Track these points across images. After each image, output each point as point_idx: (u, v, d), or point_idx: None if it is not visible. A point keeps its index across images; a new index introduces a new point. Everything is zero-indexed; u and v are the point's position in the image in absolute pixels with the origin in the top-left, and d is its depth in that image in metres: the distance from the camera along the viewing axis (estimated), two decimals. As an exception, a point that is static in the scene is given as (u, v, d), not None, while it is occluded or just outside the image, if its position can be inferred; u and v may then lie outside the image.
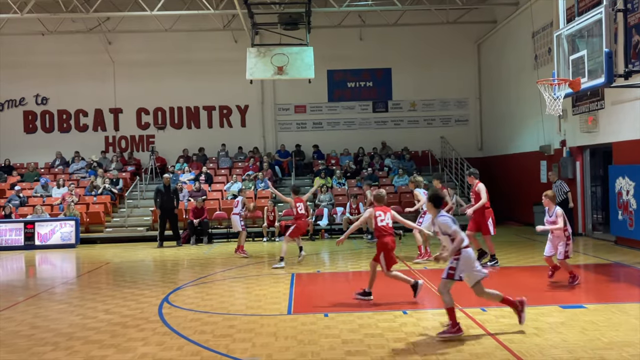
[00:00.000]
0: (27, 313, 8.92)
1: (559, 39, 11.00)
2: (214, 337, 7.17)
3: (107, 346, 6.93)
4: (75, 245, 17.95)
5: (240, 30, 21.84)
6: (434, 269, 11.78)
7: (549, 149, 17.97)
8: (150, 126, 24.66)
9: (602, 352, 6.18)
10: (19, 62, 23.99)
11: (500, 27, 22.03)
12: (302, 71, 15.46)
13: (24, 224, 17.98)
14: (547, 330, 7.01)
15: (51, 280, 12.98)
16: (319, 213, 18.72)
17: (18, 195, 20.08)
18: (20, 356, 6.68)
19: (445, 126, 24.61)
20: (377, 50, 24.34)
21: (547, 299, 8.97)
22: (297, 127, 24.75)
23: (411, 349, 6.44)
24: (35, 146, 24.12)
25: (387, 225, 9.01)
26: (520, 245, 15.36)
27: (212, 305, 9.04)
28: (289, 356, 6.35)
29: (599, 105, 15.03)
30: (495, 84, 23.02)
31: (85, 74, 24.23)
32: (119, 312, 8.74)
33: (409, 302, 8.70)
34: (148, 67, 24.22)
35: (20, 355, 6.72)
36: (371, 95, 24.73)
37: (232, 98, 24.39)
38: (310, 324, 7.64)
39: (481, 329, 7.17)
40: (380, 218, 9.02)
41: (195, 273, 12.45)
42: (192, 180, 21.08)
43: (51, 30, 23.09)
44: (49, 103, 24.52)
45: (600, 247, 14.50)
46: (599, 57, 9.60)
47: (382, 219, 9.02)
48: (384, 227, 8.98)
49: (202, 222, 18.06)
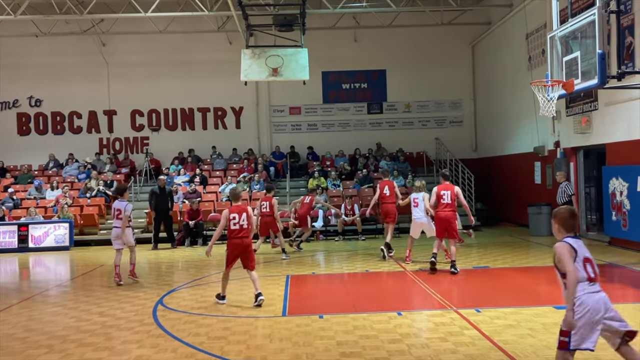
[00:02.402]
0: (21, 316, 8.89)
1: (553, 40, 11.03)
2: (208, 339, 7.16)
3: (102, 349, 6.92)
4: (69, 248, 17.90)
5: (235, 31, 21.84)
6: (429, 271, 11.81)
7: (543, 150, 18.03)
8: (145, 128, 24.60)
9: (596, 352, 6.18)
10: (13, 63, 23.90)
11: (494, 29, 22.10)
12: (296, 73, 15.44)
13: (18, 227, 17.92)
14: (541, 331, 7.03)
15: (45, 282, 12.94)
16: (314, 214, 18.70)
17: (11, 197, 19.99)
18: (15, 359, 6.66)
19: (439, 127, 24.64)
20: (372, 51, 24.36)
21: (541, 299, 9.00)
22: (292, 128, 24.74)
23: (406, 350, 6.45)
24: (28, 148, 24.00)
25: (241, 227, 8.91)
26: (514, 246, 15.39)
27: (206, 307, 9.03)
28: (284, 358, 6.35)
29: (593, 106, 15.09)
30: (490, 85, 23.08)
31: (80, 76, 24.15)
32: (113, 314, 8.73)
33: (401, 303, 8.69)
34: (142, 69, 24.17)
35: (15, 357, 6.69)
36: (366, 97, 24.76)
37: (227, 100, 24.37)
38: (305, 325, 7.64)
39: (476, 330, 7.18)
40: (234, 221, 8.90)
41: (190, 275, 12.44)
42: (186, 182, 21.04)
43: (45, 31, 23.00)
44: (42, 105, 24.42)
45: (594, 247, 14.52)
46: (592, 59, 9.63)
47: (235, 222, 8.90)
48: (234, 230, 8.90)
49: (197, 224, 18.02)
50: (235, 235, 8.92)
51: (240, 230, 8.90)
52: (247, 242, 9.02)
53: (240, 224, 8.89)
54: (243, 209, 9.02)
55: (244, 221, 8.90)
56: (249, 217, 8.96)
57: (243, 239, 8.94)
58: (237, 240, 8.93)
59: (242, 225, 8.89)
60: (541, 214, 17.11)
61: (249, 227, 8.97)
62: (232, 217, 8.89)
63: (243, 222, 8.90)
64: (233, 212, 8.95)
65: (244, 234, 8.92)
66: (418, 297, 9.39)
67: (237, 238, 8.91)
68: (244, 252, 9.00)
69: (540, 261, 12.86)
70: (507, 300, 8.99)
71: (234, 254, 9.00)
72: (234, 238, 8.92)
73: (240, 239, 8.92)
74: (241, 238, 8.92)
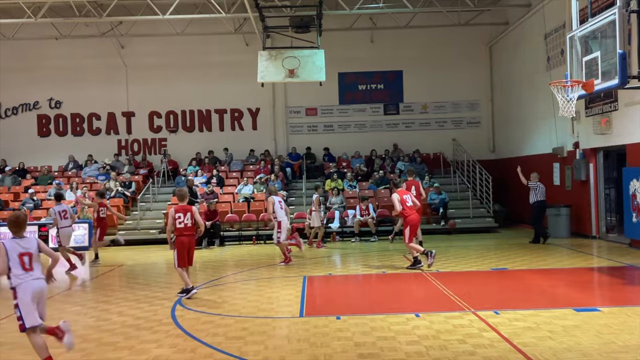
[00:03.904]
0: (42, 315, 8.98)
1: (572, 40, 10.94)
2: (226, 339, 7.19)
3: (121, 348, 6.98)
4: (88, 248, 18.05)
5: (252, 33, 21.92)
6: (446, 272, 11.75)
7: (562, 151, 17.86)
8: (163, 129, 24.80)
9: (617, 355, 6.14)
10: (33, 66, 24.25)
11: (512, 29, 21.93)
12: (313, 74, 15.48)
13: (38, 227, 18.10)
14: (561, 334, 6.96)
15: (65, 282, 13.07)
16: (330, 216, 18.72)
17: (32, 198, 20.25)
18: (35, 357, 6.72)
19: (457, 128, 24.53)
20: (389, 52, 24.32)
21: (560, 301, 8.91)
22: (308, 129, 24.77)
23: (424, 352, 6.42)
24: (48, 149, 24.33)
25: (186, 225, 9.66)
26: (533, 248, 15.26)
27: (224, 307, 9.07)
28: (302, 358, 6.36)
29: (613, 106, 14.93)
30: (508, 86, 22.92)
31: (98, 78, 24.42)
32: (132, 314, 8.80)
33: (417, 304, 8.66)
34: (160, 71, 24.37)
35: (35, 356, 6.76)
36: (382, 98, 24.71)
37: (244, 101, 24.47)
38: (323, 326, 7.65)
39: (494, 332, 7.14)
40: (179, 220, 9.66)
41: (208, 275, 12.50)
42: (204, 184, 21.16)
43: (64, 34, 23.27)
44: (62, 107, 24.73)
45: (614, 249, 14.38)
46: (612, 59, 9.54)
47: (180, 220, 9.66)
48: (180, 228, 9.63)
49: (214, 224, 18.11)
50: (181, 233, 9.69)
51: (185, 228, 9.62)
52: (192, 239, 9.82)
53: (184, 222, 9.66)
54: (187, 209, 9.75)
55: (188, 220, 9.66)
56: (193, 216, 9.70)
57: (189, 236, 9.73)
58: (183, 237, 9.69)
59: (187, 223, 9.66)
60: (560, 215, 16.95)
61: (193, 225, 9.73)
62: (177, 217, 9.70)
63: (187, 221, 9.66)
64: (178, 211, 9.74)
65: (189, 231, 9.69)
66: (435, 298, 9.34)
67: (183, 235, 9.69)
68: (187, 249, 9.72)
69: (559, 263, 12.74)
70: (525, 302, 8.90)
71: (183, 249, 9.68)
72: (181, 235, 9.70)
73: (186, 237, 9.70)
74: (187, 235, 9.70)
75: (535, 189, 15.83)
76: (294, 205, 20.52)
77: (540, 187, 15.83)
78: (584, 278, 11.13)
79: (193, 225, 9.73)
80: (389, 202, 19.90)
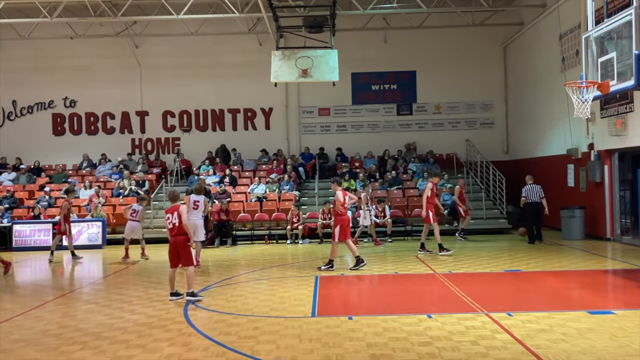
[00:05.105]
0: (56, 312, 9.07)
1: (588, 41, 10.85)
2: (238, 338, 7.21)
3: (134, 346, 7.02)
4: (102, 246, 18.21)
5: (265, 33, 21.96)
6: (459, 273, 11.70)
7: (577, 152, 17.72)
8: (176, 129, 24.91)
9: (631, 358, 6.08)
10: (48, 65, 24.48)
11: (526, 30, 21.80)
12: (326, 74, 15.47)
13: (52, 225, 18.26)
14: (574, 336, 6.91)
15: (79, 280, 13.19)
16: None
17: (47, 196, 20.43)
18: (49, 355, 6.79)
19: (470, 129, 24.43)
20: (402, 52, 24.27)
21: (574, 304, 8.85)
22: (321, 129, 24.78)
23: (436, 353, 6.40)
24: (63, 148, 24.54)
25: (175, 225, 9.33)
26: (546, 249, 15.15)
27: (236, 306, 9.09)
28: (314, 358, 6.36)
29: (628, 108, 14.79)
30: (522, 87, 22.78)
31: (113, 77, 24.61)
32: (145, 312, 8.85)
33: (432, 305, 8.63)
34: (174, 70, 24.49)
35: (49, 353, 6.83)
36: (395, 98, 24.66)
37: (257, 101, 24.53)
38: (335, 326, 7.64)
39: (507, 334, 7.10)
40: (168, 221, 9.40)
41: (220, 274, 12.54)
42: (216, 183, 21.23)
43: (80, 34, 23.46)
44: (77, 106, 24.93)
45: (629, 252, 14.24)
46: (628, 59, 9.45)
47: (170, 221, 9.39)
48: (169, 229, 9.41)
49: (227, 224, 18.17)
50: (169, 234, 9.50)
51: (173, 228, 9.40)
52: (179, 239, 9.39)
53: (173, 222, 9.39)
54: (175, 209, 9.47)
55: (176, 219, 9.36)
56: (180, 216, 9.37)
57: (176, 236, 9.39)
58: (171, 238, 9.49)
59: (175, 223, 9.37)
60: (574, 217, 16.82)
61: (181, 224, 9.36)
62: (166, 217, 9.49)
63: (175, 221, 9.36)
64: (168, 212, 9.52)
65: (176, 232, 9.37)
66: (448, 299, 9.30)
67: (171, 236, 9.48)
68: (176, 250, 9.42)
69: (573, 265, 12.64)
70: (539, 304, 8.85)
71: (170, 251, 9.48)
72: (170, 236, 9.52)
73: (173, 237, 9.42)
74: (174, 236, 9.41)
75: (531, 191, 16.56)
76: (306, 206, 20.53)
77: (534, 188, 16.59)
78: (598, 280, 11.04)
79: (181, 224, 9.32)
80: (402, 203, 20.00)
